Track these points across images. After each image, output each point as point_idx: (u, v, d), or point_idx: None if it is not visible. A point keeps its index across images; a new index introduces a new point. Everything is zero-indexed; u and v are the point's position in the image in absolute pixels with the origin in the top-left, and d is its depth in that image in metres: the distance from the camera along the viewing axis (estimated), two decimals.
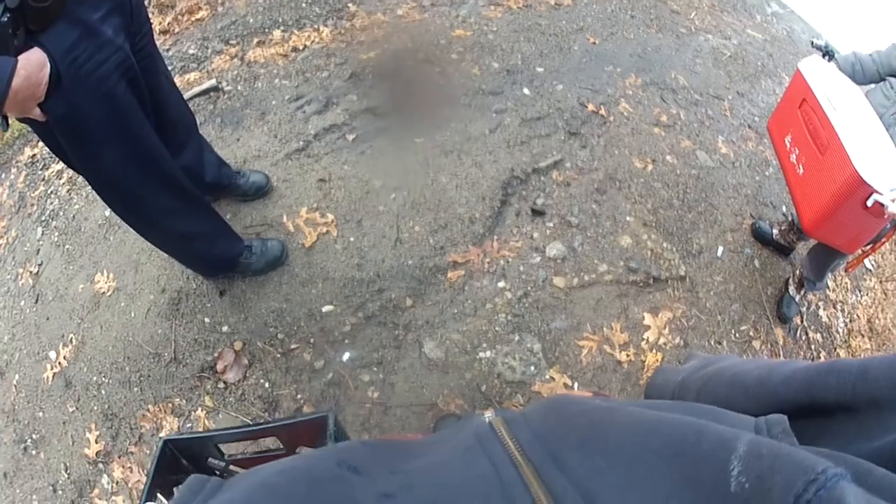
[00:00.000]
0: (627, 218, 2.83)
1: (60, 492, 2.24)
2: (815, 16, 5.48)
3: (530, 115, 3.12)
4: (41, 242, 2.87)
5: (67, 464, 2.27)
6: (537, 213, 2.74)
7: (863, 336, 3.19)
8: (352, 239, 2.63)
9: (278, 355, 2.36)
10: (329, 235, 2.62)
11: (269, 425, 1.54)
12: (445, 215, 2.68)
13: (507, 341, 2.44)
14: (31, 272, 2.79)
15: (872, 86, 2.42)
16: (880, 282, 3.55)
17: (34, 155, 3.28)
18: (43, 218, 2.95)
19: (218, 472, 1.49)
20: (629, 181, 2.97)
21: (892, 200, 1.90)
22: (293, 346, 2.37)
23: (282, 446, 1.56)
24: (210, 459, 1.50)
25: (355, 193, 2.75)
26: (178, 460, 1.47)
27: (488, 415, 0.71)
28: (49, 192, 3.05)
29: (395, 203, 2.71)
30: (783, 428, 0.54)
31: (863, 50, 2.50)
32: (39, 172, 3.18)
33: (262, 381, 2.32)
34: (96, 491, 2.19)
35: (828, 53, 2.43)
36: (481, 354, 2.40)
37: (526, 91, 3.24)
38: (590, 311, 2.55)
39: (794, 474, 0.41)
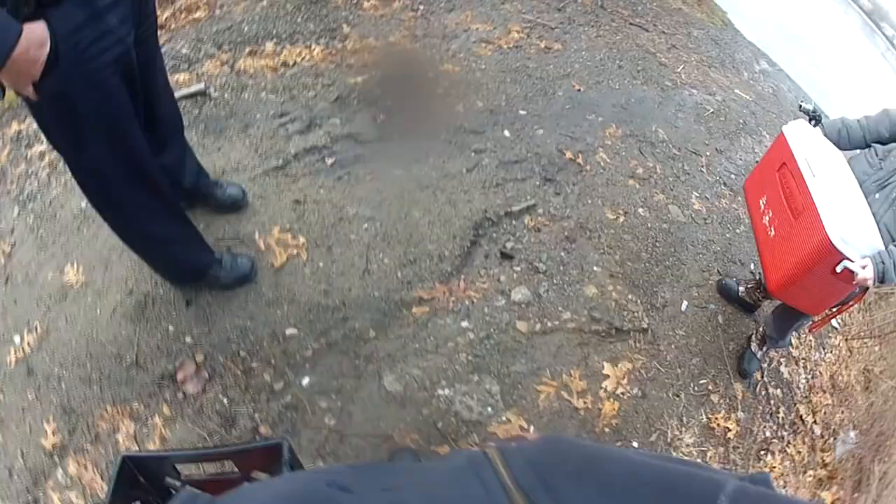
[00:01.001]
0: (595, 268, 2.86)
1: (16, 477, 2.18)
2: (804, 75, 5.59)
3: (508, 157, 3.15)
4: (16, 222, 2.81)
5: (24, 451, 2.23)
6: (506, 256, 2.76)
7: (824, 392, 3.24)
8: (321, 264, 2.62)
9: (239, 372, 2.34)
10: (299, 258, 2.62)
11: (225, 449, 1.59)
12: (415, 250, 2.70)
13: (467, 381, 2.45)
14: (3, 251, 2.73)
15: (857, 152, 2.45)
16: (846, 339, 3.61)
17: (20, 131, 3.20)
18: (21, 198, 2.89)
19: (174, 492, 1.52)
20: (599, 231, 3.01)
21: (863, 267, 1.95)
22: (254, 365, 2.36)
23: (237, 470, 1.57)
24: (167, 479, 1.52)
25: (329, 219, 2.75)
26: (136, 477, 1.49)
27: (487, 447, 0.72)
28: (30, 171, 3.00)
29: (367, 233, 2.72)
30: (767, 484, 0.57)
31: (851, 114, 2.53)
32: (23, 150, 3.11)
33: (220, 396, 2.30)
34: (51, 482, 2.15)
35: (814, 118, 2.45)
36: (440, 392, 2.41)
37: (507, 133, 3.28)
38: (550, 356, 2.58)
39: None
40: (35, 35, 1.34)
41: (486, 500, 0.59)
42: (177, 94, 3.11)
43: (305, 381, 2.36)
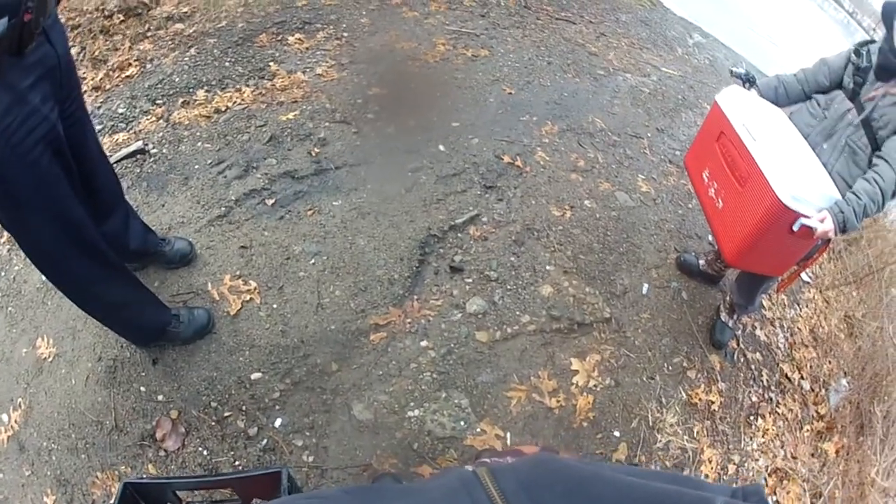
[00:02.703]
0: (547, 267, 2.87)
1: None
2: (740, 40, 5.66)
3: (446, 171, 3.16)
4: None
5: None
6: (456, 269, 2.76)
7: (807, 346, 3.26)
8: (275, 306, 2.62)
9: (213, 423, 2.34)
10: (253, 303, 2.61)
11: (226, 477, 1.62)
12: (365, 278, 2.69)
13: (435, 399, 2.44)
14: None
15: (797, 105, 2.46)
16: (820, 291, 3.64)
17: None
18: None
19: None
20: (547, 230, 3.01)
21: (821, 221, 1.95)
22: (227, 414, 2.35)
23: (237, 497, 1.60)
24: None
25: (276, 259, 2.75)
26: (137, 502, 1.50)
27: (470, 468, 0.72)
28: None
29: (315, 268, 2.71)
30: (759, 497, 0.57)
31: (789, 70, 2.53)
32: None
33: (200, 448, 2.30)
34: None
35: (748, 80, 2.46)
36: (410, 413, 2.40)
37: (441, 147, 3.29)
38: (515, 361, 2.57)
39: None
40: None
41: None
42: (117, 155, 3.14)
43: (278, 422, 2.36)
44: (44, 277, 2.01)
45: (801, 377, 3.12)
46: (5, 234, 2.95)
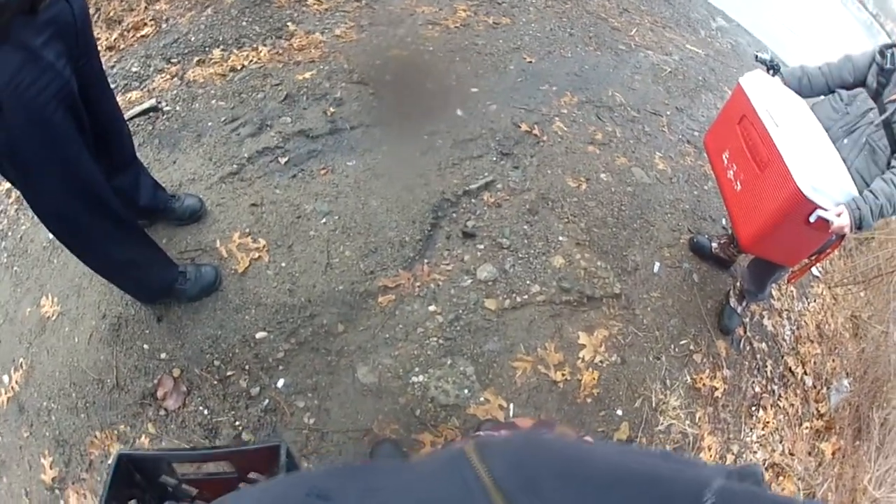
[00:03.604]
0: (560, 238, 2.83)
1: None
2: (762, 29, 5.56)
3: (462, 136, 3.12)
4: None
5: (28, 489, 2.25)
6: (468, 235, 2.73)
7: (812, 342, 3.23)
8: (283, 264, 2.60)
9: (215, 382, 2.34)
10: (261, 261, 2.60)
11: (223, 450, 1.58)
12: (376, 239, 2.67)
13: (440, 365, 2.43)
14: None
15: (820, 98, 2.43)
16: (828, 287, 3.60)
17: None
18: None
19: (171, 489, 1.55)
20: (562, 201, 2.97)
21: (838, 215, 1.92)
22: (229, 373, 2.35)
23: (234, 470, 1.58)
24: (163, 477, 1.53)
25: (287, 218, 2.73)
26: (132, 475, 1.49)
27: (465, 443, 0.71)
28: None
29: (326, 228, 2.69)
30: (755, 479, 0.57)
31: (810, 63, 2.49)
32: None
33: (201, 408, 2.31)
34: None
35: (772, 67, 2.42)
36: (414, 379, 2.39)
37: (459, 112, 3.24)
38: (523, 332, 2.55)
39: None
40: None
41: (466, 501, 0.58)
42: (129, 113, 3.13)
43: (280, 382, 2.35)
44: (51, 236, 2.03)
45: (805, 372, 3.09)
46: (14, 193, 2.99)
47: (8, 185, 3.00)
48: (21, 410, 2.39)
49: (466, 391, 2.39)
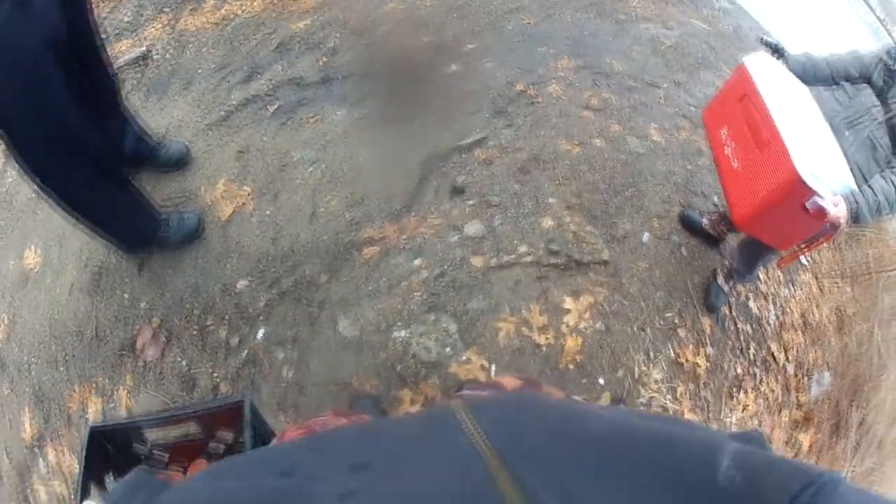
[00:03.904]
0: (550, 199, 2.79)
1: (5, 479, 2.21)
2: (765, 14, 5.52)
3: (456, 92, 3.07)
4: None
5: (8, 448, 2.25)
6: (457, 190, 2.69)
7: (795, 330, 3.22)
8: (268, 212, 2.58)
9: (194, 332, 2.33)
10: (245, 208, 2.58)
11: (188, 411, 1.63)
12: (363, 190, 2.64)
13: (423, 321, 2.41)
14: None
15: (822, 89, 2.41)
16: (815, 277, 3.59)
17: None
18: None
19: (143, 457, 1.60)
20: (554, 163, 2.93)
21: (835, 205, 1.90)
22: (209, 323, 2.34)
23: (201, 430, 1.62)
24: (135, 445, 1.59)
25: (273, 165, 2.70)
26: (106, 448, 1.54)
27: (454, 403, 0.66)
28: None
29: (313, 176, 2.66)
30: (759, 444, 0.55)
31: (814, 52, 2.48)
32: None
33: (179, 359, 2.30)
34: (35, 476, 2.17)
35: (777, 51, 2.40)
36: (396, 334, 2.37)
37: (453, 67, 3.20)
38: (508, 292, 2.52)
39: (792, 476, 0.41)
40: None
41: (462, 471, 0.54)
42: (120, 62, 3.11)
43: (260, 333, 2.34)
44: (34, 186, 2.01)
45: (787, 359, 3.08)
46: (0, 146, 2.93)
47: None
48: (2, 367, 2.38)
49: (448, 349, 2.36)
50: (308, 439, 0.71)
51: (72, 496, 2.10)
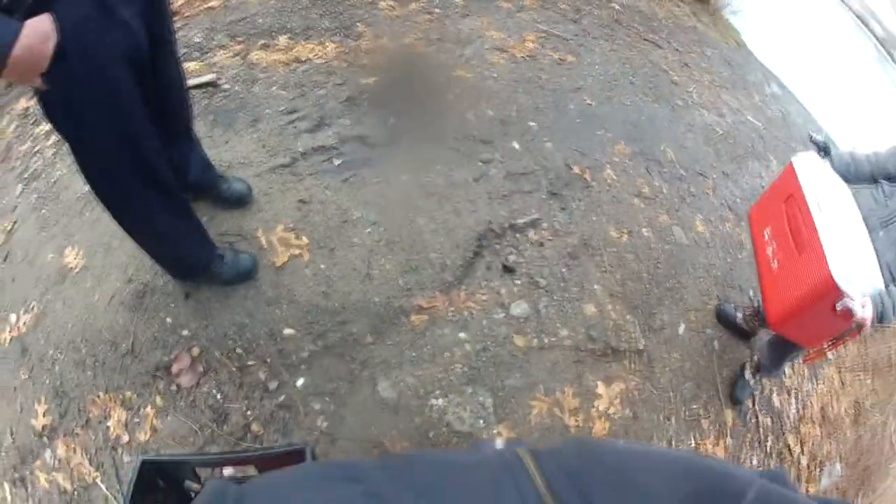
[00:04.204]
0: (595, 286, 2.86)
1: (4, 454, 2.21)
2: (814, 99, 5.57)
3: (515, 169, 3.14)
4: (19, 200, 2.82)
5: (14, 429, 2.25)
6: (508, 269, 2.75)
7: (813, 423, 3.23)
8: (322, 266, 2.62)
9: (234, 369, 2.35)
10: (301, 258, 2.61)
11: (247, 454, 1.62)
12: (418, 258, 2.69)
13: (461, 392, 2.45)
14: (4, 228, 2.75)
15: (863, 186, 2.44)
16: (839, 371, 3.60)
17: (28, 108, 3.19)
18: (25, 176, 2.90)
19: (194, 495, 1.55)
20: (602, 250, 3.00)
21: (862, 306, 1.94)
22: (250, 363, 2.37)
23: (258, 474, 1.58)
24: (186, 482, 1.55)
25: (333, 220, 2.74)
26: (156, 481, 1.51)
27: (501, 441, 0.72)
28: (35, 150, 3.00)
29: (371, 237, 2.71)
30: (783, 482, 0.58)
31: (858, 140, 2.50)
32: (30, 128, 3.10)
33: (214, 391, 2.31)
34: (38, 462, 2.18)
35: (824, 149, 2.43)
36: (433, 401, 2.41)
37: (516, 144, 3.26)
38: (545, 372, 2.57)
39: None
40: (40, 29, 1.32)
41: None
42: (187, 83, 3.11)
43: (300, 381, 2.36)
44: (87, 188, 1.98)
45: (802, 452, 3.09)
46: (52, 137, 2.97)
47: (47, 127, 2.98)
48: (23, 352, 2.39)
49: (482, 421, 2.40)
50: (380, 462, 0.74)
51: (75, 492, 2.12)
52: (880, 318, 1.99)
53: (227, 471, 1.55)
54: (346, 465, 0.76)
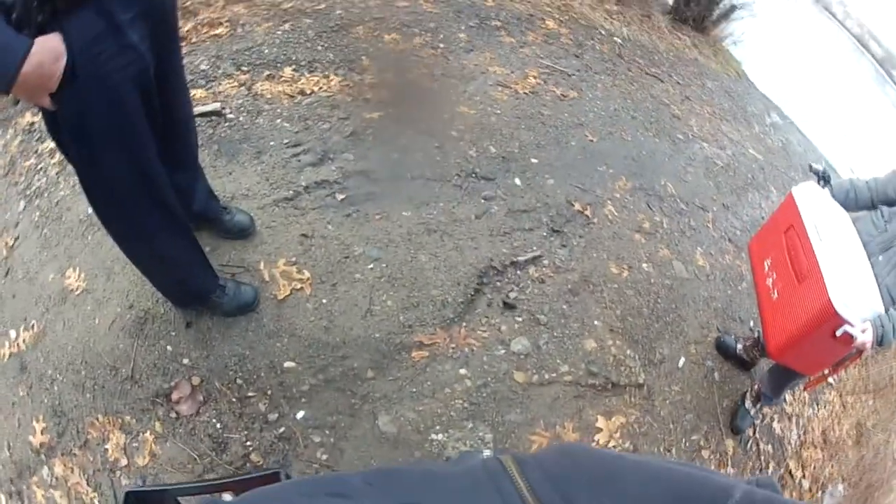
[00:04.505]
0: (595, 322, 2.89)
1: (1, 467, 2.25)
2: (815, 127, 5.62)
3: (517, 206, 3.18)
4: (21, 217, 2.85)
5: (11, 444, 2.28)
6: (509, 306, 2.79)
7: (815, 447, 3.24)
8: (324, 301, 2.64)
9: (234, 399, 2.37)
10: (303, 292, 2.64)
11: (226, 480, 1.60)
12: (419, 294, 2.72)
13: (461, 427, 2.46)
14: (6, 243, 2.78)
15: (863, 212, 2.48)
16: (840, 395, 3.61)
17: (33, 123, 3.22)
18: (28, 192, 2.93)
19: None
20: (602, 286, 3.03)
21: (863, 331, 1.97)
22: (250, 394, 2.39)
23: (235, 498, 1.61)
24: None
25: (335, 255, 2.77)
26: None
27: (489, 452, 0.74)
28: (39, 167, 3.02)
29: (373, 273, 2.74)
30: (773, 488, 0.60)
31: (860, 165, 2.53)
32: (34, 144, 3.13)
33: (213, 420, 2.33)
34: (35, 478, 2.20)
35: (823, 178, 2.46)
36: (433, 436, 2.42)
37: (517, 181, 3.31)
38: (545, 408, 2.59)
39: None
40: (48, 49, 1.30)
41: None
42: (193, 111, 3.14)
43: (300, 414, 2.38)
44: (90, 211, 1.97)
45: (803, 476, 3.10)
46: (57, 154, 2.96)
47: (52, 144, 2.97)
48: (23, 370, 2.41)
49: None
50: (364, 475, 0.75)
51: None
52: (880, 341, 2.02)
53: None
54: (330, 480, 0.78)
